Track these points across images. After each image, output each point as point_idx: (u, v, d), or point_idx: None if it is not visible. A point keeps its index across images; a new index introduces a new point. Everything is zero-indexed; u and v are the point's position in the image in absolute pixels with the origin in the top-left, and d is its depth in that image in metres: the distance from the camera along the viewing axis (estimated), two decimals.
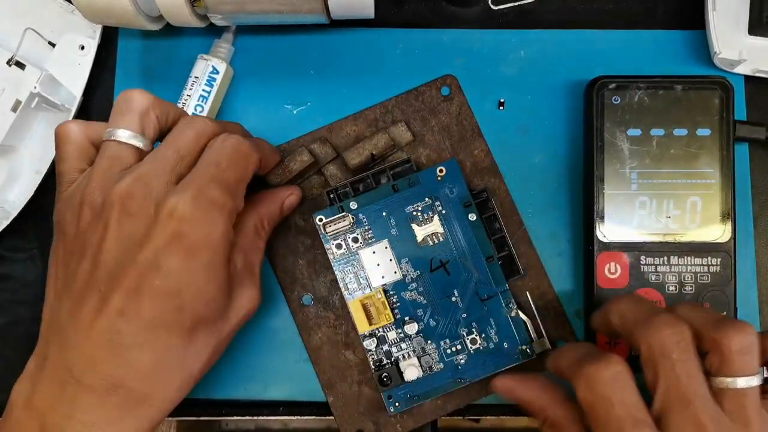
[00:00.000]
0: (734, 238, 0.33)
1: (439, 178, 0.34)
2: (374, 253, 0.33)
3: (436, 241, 0.33)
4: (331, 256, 0.33)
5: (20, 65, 0.36)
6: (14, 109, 0.36)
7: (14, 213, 0.35)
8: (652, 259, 0.33)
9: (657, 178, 0.33)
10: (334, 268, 0.33)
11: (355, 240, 0.33)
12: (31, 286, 0.37)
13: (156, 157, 0.28)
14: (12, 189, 0.37)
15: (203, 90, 0.35)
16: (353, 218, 0.33)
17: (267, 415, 0.35)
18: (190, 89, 0.35)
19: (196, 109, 0.35)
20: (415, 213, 0.34)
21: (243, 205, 0.29)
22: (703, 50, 0.36)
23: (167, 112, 0.30)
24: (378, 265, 0.33)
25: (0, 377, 0.36)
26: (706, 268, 0.33)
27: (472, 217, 0.33)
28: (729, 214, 0.33)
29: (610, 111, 0.34)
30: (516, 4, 0.37)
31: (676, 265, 0.33)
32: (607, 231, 0.33)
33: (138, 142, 0.29)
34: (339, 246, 0.33)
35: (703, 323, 0.27)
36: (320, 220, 0.33)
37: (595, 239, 0.33)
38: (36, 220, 0.37)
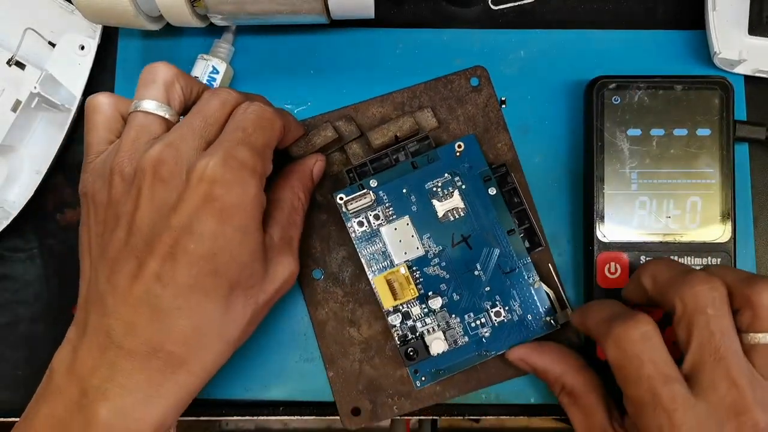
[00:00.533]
0: (734, 238, 0.33)
1: (458, 154, 0.34)
2: (396, 229, 0.33)
3: (457, 216, 0.33)
4: (353, 234, 0.33)
5: (20, 65, 0.36)
6: (14, 109, 0.36)
7: (14, 213, 0.35)
8: (652, 259, 0.33)
9: (657, 178, 0.33)
10: (356, 246, 0.33)
11: (377, 217, 0.34)
12: (31, 286, 0.37)
13: (184, 125, 0.29)
14: (12, 189, 0.37)
15: None
16: (374, 195, 0.33)
17: (267, 415, 0.35)
18: None
19: None
20: (435, 189, 0.34)
21: (271, 169, 0.30)
22: (703, 50, 0.36)
23: (191, 85, 0.30)
24: (400, 241, 0.33)
25: (0, 377, 0.36)
26: None
27: (492, 191, 0.34)
28: (729, 214, 0.33)
29: (610, 111, 0.34)
30: (516, 4, 0.37)
31: None
32: (607, 231, 0.33)
33: (164, 113, 0.29)
34: (361, 224, 0.33)
35: (735, 280, 0.26)
36: (341, 198, 0.33)
37: (595, 239, 0.33)
38: (36, 220, 0.37)
